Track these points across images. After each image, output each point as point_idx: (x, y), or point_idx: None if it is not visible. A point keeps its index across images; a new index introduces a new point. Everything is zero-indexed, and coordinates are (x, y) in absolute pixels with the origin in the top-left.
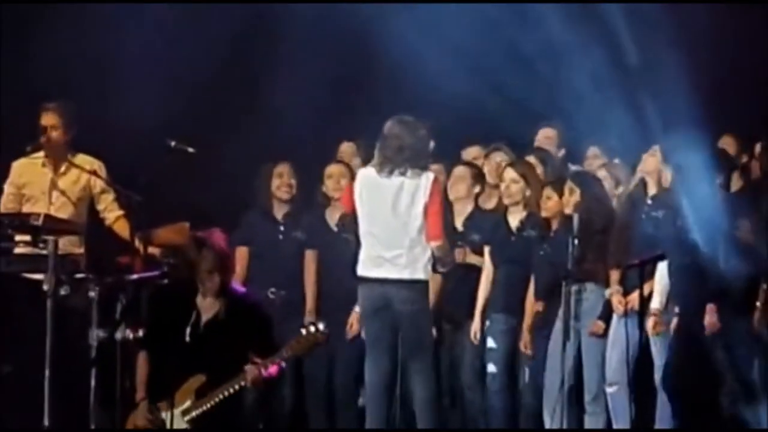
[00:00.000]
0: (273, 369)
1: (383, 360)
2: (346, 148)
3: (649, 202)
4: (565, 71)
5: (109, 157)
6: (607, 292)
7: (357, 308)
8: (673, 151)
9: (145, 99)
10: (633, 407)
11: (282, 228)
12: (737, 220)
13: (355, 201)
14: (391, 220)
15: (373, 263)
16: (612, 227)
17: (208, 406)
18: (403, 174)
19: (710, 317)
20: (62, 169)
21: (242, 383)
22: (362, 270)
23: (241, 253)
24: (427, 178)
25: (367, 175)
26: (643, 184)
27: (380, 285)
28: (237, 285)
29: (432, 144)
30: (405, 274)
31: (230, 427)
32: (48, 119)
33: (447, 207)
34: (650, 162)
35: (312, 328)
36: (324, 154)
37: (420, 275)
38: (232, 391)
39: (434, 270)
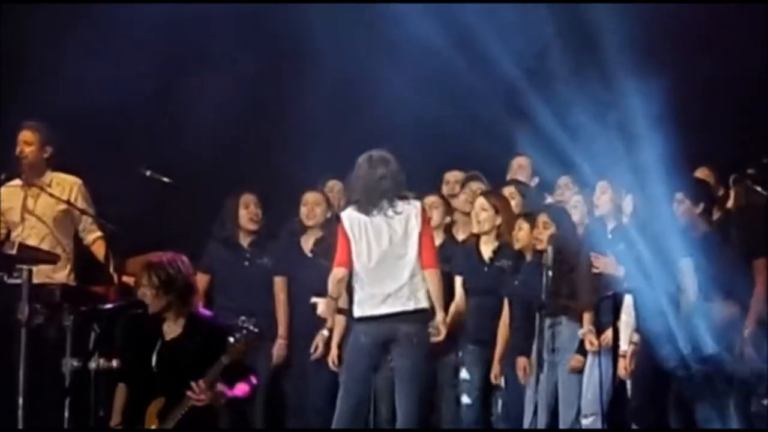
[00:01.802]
0: (241, 390)
1: (358, 391)
2: (335, 186)
3: (609, 236)
4: (537, 100)
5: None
6: (580, 332)
7: (325, 331)
8: (643, 181)
9: (121, 124)
10: None
11: (248, 255)
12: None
13: (350, 253)
14: (388, 255)
15: (375, 301)
16: (581, 263)
17: (170, 427)
18: (391, 207)
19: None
20: (36, 192)
21: (187, 407)
22: (363, 310)
23: (200, 280)
24: (416, 206)
25: (353, 216)
26: (601, 220)
27: (387, 321)
28: (203, 310)
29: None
30: (410, 306)
31: None
32: (24, 135)
33: None
34: (603, 199)
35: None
36: (299, 183)
37: (423, 304)
38: (185, 412)
39: None
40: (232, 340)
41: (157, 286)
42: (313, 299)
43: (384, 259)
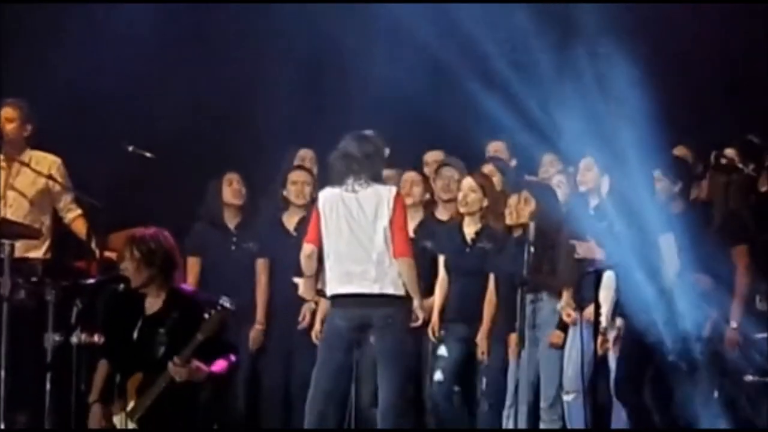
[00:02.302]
0: (219, 366)
1: (332, 370)
2: (305, 154)
3: (592, 213)
4: (520, 79)
5: (67, 161)
6: (558, 306)
7: (311, 304)
8: (623, 159)
9: (104, 103)
10: (589, 415)
11: (234, 239)
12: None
13: (320, 229)
14: (356, 234)
15: (341, 280)
16: (562, 239)
17: (147, 404)
18: (363, 187)
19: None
20: (16, 168)
21: (167, 382)
22: (332, 288)
23: (192, 263)
24: (390, 191)
25: (328, 192)
26: (584, 196)
27: (359, 308)
28: (184, 285)
29: (386, 152)
30: (375, 289)
31: (182, 427)
32: (5, 112)
33: None
34: (588, 176)
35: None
36: (280, 161)
37: (389, 290)
38: (163, 387)
39: None
40: (206, 316)
41: (138, 260)
42: (295, 279)
43: (351, 239)
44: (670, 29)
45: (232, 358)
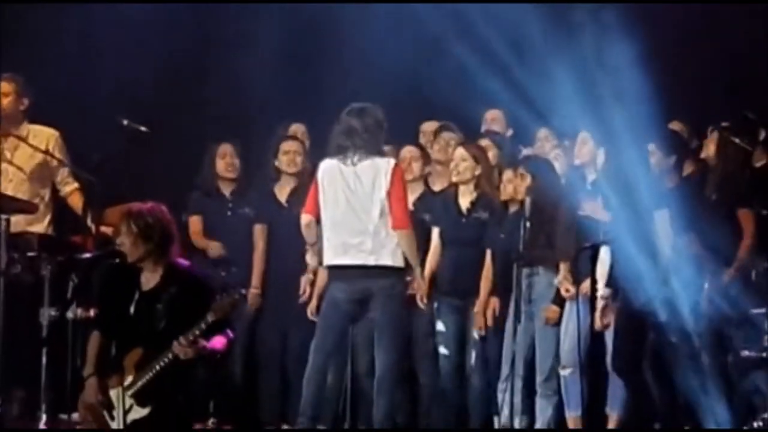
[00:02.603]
0: (218, 343)
1: (331, 345)
2: (297, 129)
3: (589, 187)
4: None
5: (63, 135)
6: (556, 280)
7: (310, 275)
8: (618, 134)
9: (99, 77)
10: (585, 390)
11: (230, 205)
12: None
13: (318, 200)
14: (353, 206)
15: (338, 250)
16: (560, 213)
17: (145, 379)
18: (362, 160)
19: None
20: (14, 143)
21: (171, 355)
22: (329, 258)
23: (195, 221)
24: (388, 163)
25: (327, 164)
26: (581, 171)
27: (357, 280)
28: (181, 260)
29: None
30: (371, 261)
31: (180, 405)
32: (2, 86)
33: None
34: (584, 150)
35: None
36: (273, 134)
37: (386, 261)
38: (163, 364)
39: None
40: (219, 298)
41: (135, 235)
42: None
43: (348, 211)
44: (667, 3)
45: (230, 333)
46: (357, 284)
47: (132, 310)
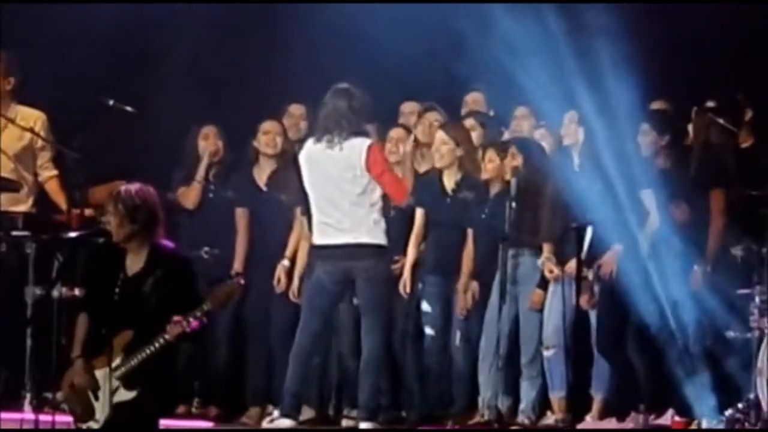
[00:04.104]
0: (194, 324)
1: (316, 326)
2: (296, 110)
3: (576, 169)
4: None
5: (48, 114)
6: (539, 261)
7: (285, 261)
8: (605, 114)
9: (84, 57)
10: (569, 370)
11: (212, 187)
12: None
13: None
14: (329, 186)
15: (319, 230)
16: (546, 193)
17: (135, 362)
18: (340, 141)
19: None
20: (2, 124)
21: (163, 339)
22: (314, 239)
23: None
24: (363, 142)
25: (308, 145)
26: (567, 151)
27: (340, 261)
28: (165, 241)
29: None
30: (349, 239)
31: (167, 388)
32: None
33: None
34: (571, 129)
35: (228, 281)
36: (258, 115)
37: (364, 239)
38: (155, 347)
39: None
40: (216, 287)
41: (122, 215)
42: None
43: (327, 189)
44: None
45: (204, 318)
46: (338, 265)
47: (117, 292)
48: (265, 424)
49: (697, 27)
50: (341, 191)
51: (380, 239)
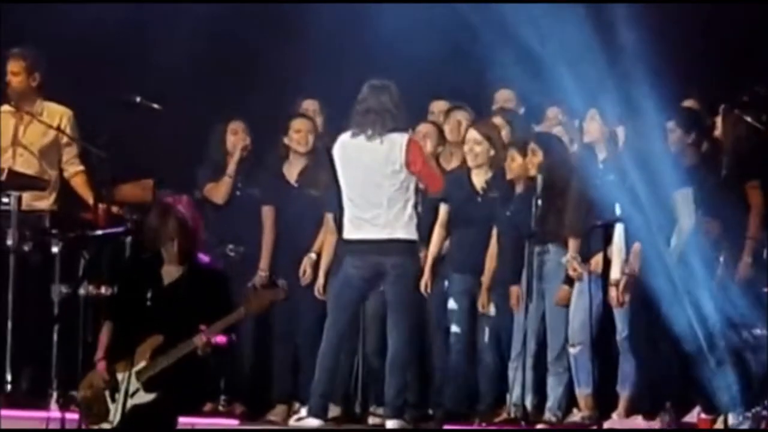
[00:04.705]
0: (221, 338)
1: (344, 322)
2: (309, 105)
3: (600, 167)
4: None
5: (74, 111)
6: (564, 259)
7: (312, 254)
8: (632, 112)
9: (111, 53)
10: (595, 367)
11: (239, 184)
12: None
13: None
14: (366, 181)
15: (354, 225)
16: (570, 190)
17: (159, 366)
18: (380, 135)
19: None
20: (27, 120)
21: (189, 349)
22: (345, 233)
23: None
24: (403, 137)
25: (343, 140)
26: (591, 149)
27: (371, 256)
28: (202, 254)
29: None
30: (385, 234)
31: (186, 395)
32: (11, 66)
33: None
34: (593, 127)
35: (273, 288)
36: (284, 112)
37: (400, 234)
38: (181, 356)
39: None
40: (254, 292)
41: (164, 227)
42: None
43: (364, 184)
44: None
45: (232, 335)
46: (369, 260)
47: (150, 298)
48: (292, 423)
49: (724, 24)
50: (379, 186)
51: (413, 235)
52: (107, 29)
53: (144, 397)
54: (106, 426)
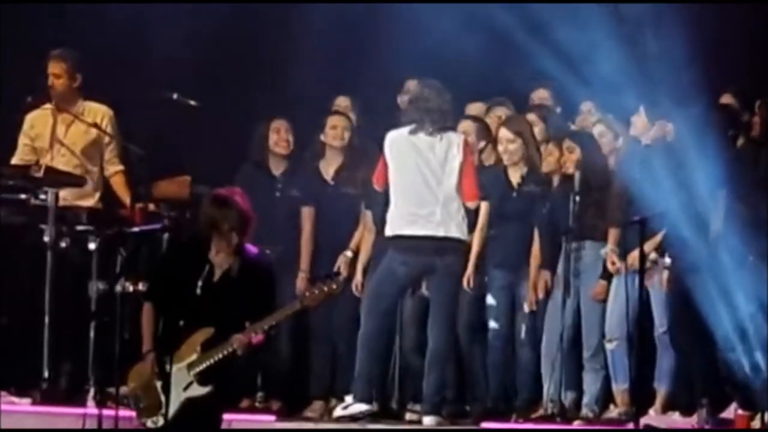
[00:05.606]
0: (259, 337)
1: (384, 316)
2: (342, 102)
3: (642, 161)
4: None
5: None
6: (603, 251)
7: (348, 252)
8: (674, 107)
9: (148, 51)
10: (632, 363)
11: (279, 185)
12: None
13: (388, 170)
14: (424, 177)
15: (405, 221)
16: (609, 185)
17: (212, 362)
18: (435, 133)
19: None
20: (69, 119)
21: (231, 348)
22: (393, 229)
23: None
24: (459, 136)
25: (398, 135)
26: (637, 143)
27: (422, 256)
28: (249, 246)
29: None
30: (440, 232)
31: (240, 386)
32: (52, 68)
33: None
34: (640, 123)
35: (328, 280)
36: (323, 109)
37: (454, 233)
38: (226, 353)
39: None
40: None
41: (225, 217)
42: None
43: (419, 181)
44: None
45: (272, 331)
46: (420, 257)
47: (200, 287)
48: (339, 411)
49: (763, 21)
50: (438, 183)
51: (464, 235)
52: (145, 28)
53: (198, 390)
54: (157, 419)
